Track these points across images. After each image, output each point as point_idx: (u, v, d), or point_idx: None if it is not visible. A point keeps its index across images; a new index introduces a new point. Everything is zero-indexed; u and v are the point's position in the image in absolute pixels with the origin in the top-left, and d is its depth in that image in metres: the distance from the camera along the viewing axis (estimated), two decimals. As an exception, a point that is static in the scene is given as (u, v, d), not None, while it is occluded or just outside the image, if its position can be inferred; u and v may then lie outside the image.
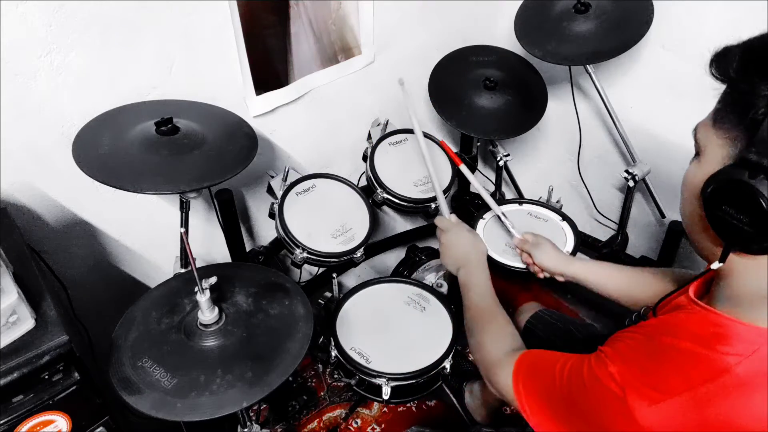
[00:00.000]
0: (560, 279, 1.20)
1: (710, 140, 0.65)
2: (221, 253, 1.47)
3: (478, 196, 1.95)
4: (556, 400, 0.77)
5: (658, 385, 0.64)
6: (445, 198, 1.39)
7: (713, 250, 0.68)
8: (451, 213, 1.28)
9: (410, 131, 1.59)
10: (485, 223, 1.50)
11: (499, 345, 0.97)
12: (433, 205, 1.51)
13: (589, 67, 1.46)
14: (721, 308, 0.66)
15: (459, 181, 1.82)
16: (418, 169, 1.52)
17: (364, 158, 1.54)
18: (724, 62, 0.64)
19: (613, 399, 0.67)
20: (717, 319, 0.65)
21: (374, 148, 1.51)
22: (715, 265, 0.67)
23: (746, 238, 0.61)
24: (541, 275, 1.25)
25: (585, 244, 1.75)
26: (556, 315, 1.35)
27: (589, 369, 0.72)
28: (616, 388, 0.67)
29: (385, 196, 1.46)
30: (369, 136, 1.57)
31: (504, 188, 1.83)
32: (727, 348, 0.62)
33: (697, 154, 0.69)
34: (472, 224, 1.51)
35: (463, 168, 1.41)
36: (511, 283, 2.25)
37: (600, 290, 1.14)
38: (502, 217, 1.36)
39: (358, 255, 1.37)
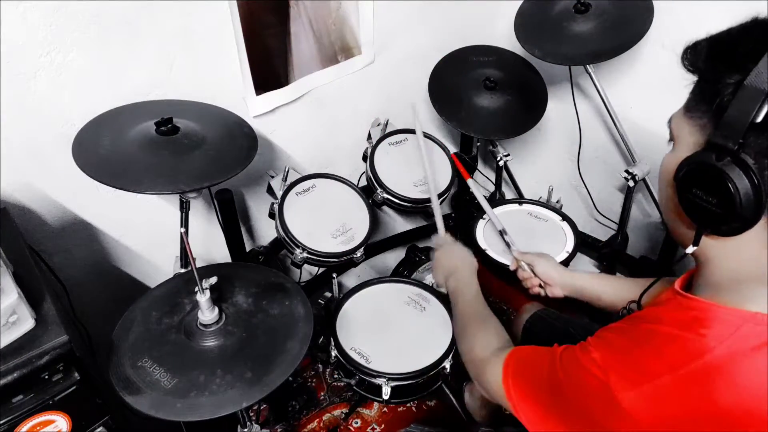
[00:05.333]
0: (559, 293, 1.19)
1: (682, 128, 0.69)
2: (221, 253, 1.47)
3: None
4: (543, 391, 0.78)
5: (640, 368, 0.65)
6: (445, 199, 1.39)
7: (688, 235, 0.70)
8: (446, 233, 1.31)
9: (410, 131, 1.59)
10: (485, 223, 1.51)
11: (488, 345, 0.97)
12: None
13: (589, 67, 1.46)
14: (701, 295, 0.68)
15: (458, 181, 1.82)
16: (418, 170, 1.52)
17: (364, 158, 1.54)
18: (694, 55, 0.68)
19: (596, 383, 0.68)
20: (696, 305, 0.67)
21: (374, 148, 1.51)
22: (690, 249, 0.70)
23: (715, 220, 0.64)
24: (536, 290, 1.24)
25: (585, 244, 1.75)
26: (554, 315, 1.35)
27: (574, 357, 0.74)
28: (599, 372, 0.68)
29: (385, 196, 1.46)
30: (369, 136, 1.57)
31: (504, 188, 1.83)
32: (707, 330, 0.63)
33: (672, 142, 0.72)
34: (473, 224, 1.51)
35: (471, 183, 1.44)
36: (511, 284, 2.25)
37: (596, 300, 1.14)
38: (504, 235, 1.40)
39: (358, 255, 1.37)
